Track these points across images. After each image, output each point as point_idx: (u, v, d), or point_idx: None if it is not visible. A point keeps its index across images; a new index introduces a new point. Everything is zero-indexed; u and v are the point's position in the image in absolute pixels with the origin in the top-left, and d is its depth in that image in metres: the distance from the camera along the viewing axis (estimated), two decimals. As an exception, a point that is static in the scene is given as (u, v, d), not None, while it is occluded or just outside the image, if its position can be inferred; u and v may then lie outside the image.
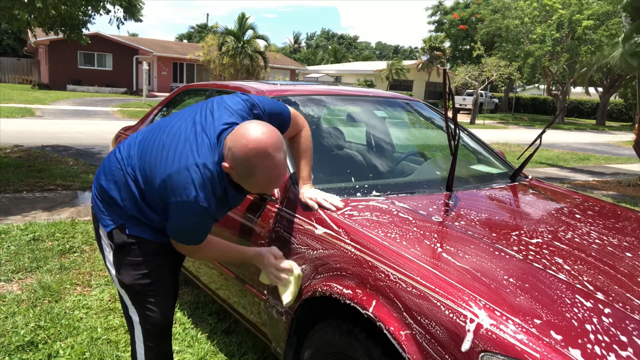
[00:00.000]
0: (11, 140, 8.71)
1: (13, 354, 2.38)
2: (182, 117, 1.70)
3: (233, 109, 1.65)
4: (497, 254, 1.58)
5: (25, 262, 3.47)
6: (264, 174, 1.50)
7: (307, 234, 1.81)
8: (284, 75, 32.58)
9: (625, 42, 8.11)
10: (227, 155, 1.51)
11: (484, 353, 1.20)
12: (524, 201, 2.35)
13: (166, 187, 1.54)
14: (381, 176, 2.53)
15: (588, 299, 1.37)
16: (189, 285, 3.31)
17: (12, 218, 4.47)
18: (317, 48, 65.51)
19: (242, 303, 2.22)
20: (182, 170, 1.51)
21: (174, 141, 1.60)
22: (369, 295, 1.49)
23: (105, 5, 7.77)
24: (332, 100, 2.76)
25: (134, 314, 1.77)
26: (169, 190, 1.53)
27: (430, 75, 36.12)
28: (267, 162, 1.48)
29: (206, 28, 50.49)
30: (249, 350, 2.54)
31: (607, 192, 7.54)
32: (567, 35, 23.21)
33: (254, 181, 1.53)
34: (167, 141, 1.62)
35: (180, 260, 1.90)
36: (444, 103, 2.19)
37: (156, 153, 1.61)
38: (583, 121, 33.40)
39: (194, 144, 1.56)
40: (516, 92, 37.36)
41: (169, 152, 1.58)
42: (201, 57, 23.85)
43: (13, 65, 30.26)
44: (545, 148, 13.55)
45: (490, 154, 2.92)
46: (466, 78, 23.65)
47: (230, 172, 1.54)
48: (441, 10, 39.76)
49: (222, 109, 1.65)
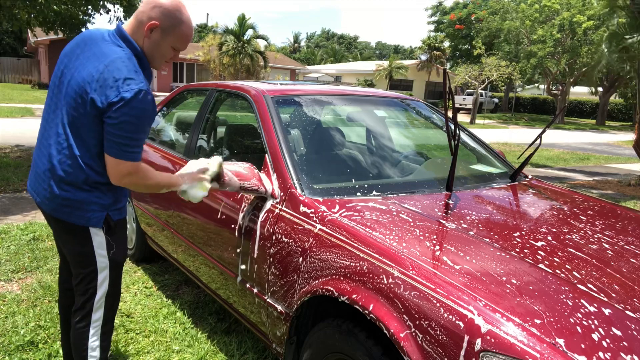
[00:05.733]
0: (11, 140, 8.71)
1: (13, 354, 2.38)
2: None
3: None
4: (497, 254, 1.58)
5: (25, 261, 3.47)
6: (188, 25, 1.75)
7: (307, 234, 1.81)
8: (284, 75, 32.58)
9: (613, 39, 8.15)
10: (152, 14, 1.68)
11: (484, 353, 1.20)
12: (524, 201, 2.35)
13: (104, 88, 1.59)
14: (381, 176, 2.52)
15: (589, 299, 1.37)
16: (189, 285, 3.31)
17: (12, 218, 4.47)
18: (317, 48, 65.50)
19: (242, 303, 2.22)
20: (111, 62, 1.62)
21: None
22: (369, 296, 1.49)
23: (105, 4, 7.76)
24: (332, 100, 2.77)
25: (102, 287, 1.85)
26: (108, 89, 1.58)
27: (430, 75, 36.11)
28: (188, 14, 1.75)
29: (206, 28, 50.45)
30: (249, 350, 2.54)
31: (607, 192, 7.54)
32: (567, 36, 23.22)
33: (177, 31, 1.72)
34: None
35: None
36: (444, 103, 2.20)
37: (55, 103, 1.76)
38: (583, 121, 33.41)
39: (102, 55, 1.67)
40: (516, 92, 37.34)
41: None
42: (201, 56, 23.85)
43: (13, 65, 30.25)
44: (545, 148, 13.55)
45: (490, 153, 2.92)
46: (466, 78, 23.65)
47: (155, 28, 1.69)
48: (440, 11, 39.78)
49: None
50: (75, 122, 1.67)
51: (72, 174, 1.69)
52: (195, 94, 3.40)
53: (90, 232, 1.77)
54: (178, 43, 1.76)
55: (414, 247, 1.57)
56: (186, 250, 2.75)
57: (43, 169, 1.76)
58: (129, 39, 1.71)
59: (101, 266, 1.82)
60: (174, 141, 3.32)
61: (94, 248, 1.80)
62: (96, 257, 1.81)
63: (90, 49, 1.71)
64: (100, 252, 1.81)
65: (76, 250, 1.81)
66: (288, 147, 2.18)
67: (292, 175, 2.05)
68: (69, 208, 1.73)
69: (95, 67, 1.63)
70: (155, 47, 1.73)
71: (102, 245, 1.81)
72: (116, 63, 1.62)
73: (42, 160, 1.76)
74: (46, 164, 1.74)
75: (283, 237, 1.91)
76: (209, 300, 3.09)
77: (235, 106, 3.36)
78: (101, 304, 1.86)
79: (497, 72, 22.60)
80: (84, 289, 1.84)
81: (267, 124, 2.29)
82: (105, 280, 1.85)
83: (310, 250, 1.77)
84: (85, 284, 1.83)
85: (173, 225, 2.83)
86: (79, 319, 1.85)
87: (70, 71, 1.71)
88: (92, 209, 1.75)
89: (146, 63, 1.75)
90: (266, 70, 24.93)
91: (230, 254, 2.24)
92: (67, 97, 1.69)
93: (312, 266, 1.74)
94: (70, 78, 1.70)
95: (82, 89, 1.63)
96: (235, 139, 3.09)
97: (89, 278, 1.83)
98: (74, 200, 1.72)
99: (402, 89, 35.90)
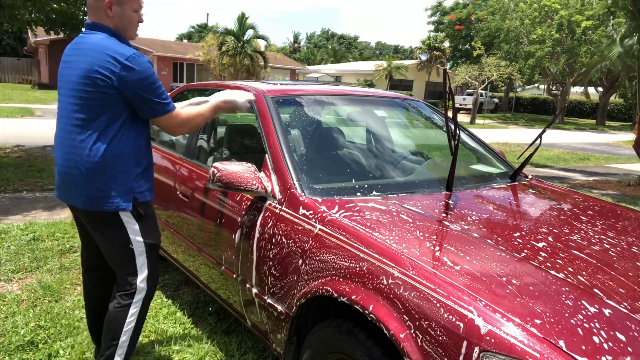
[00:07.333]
0: (11, 140, 8.71)
1: (13, 354, 2.38)
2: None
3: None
4: (497, 254, 1.58)
5: (25, 261, 3.47)
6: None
7: (307, 234, 1.81)
8: (284, 75, 32.58)
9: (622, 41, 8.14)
10: (107, 1, 1.87)
11: (484, 353, 1.20)
12: (525, 201, 2.35)
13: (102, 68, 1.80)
14: (381, 176, 2.52)
15: (589, 299, 1.37)
16: (189, 285, 3.31)
17: (12, 218, 4.47)
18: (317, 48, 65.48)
19: (242, 303, 2.22)
20: (102, 47, 1.83)
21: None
22: (369, 296, 1.49)
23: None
24: (332, 100, 2.77)
25: (143, 272, 2.01)
26: (113, 66, 1.80)
27: (430, 75, 36.11)
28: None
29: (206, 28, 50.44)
30: (249, 350, 2.54)
31: (606, 192, 7.54)
32: (566, 36, 23.22)
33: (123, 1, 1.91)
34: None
35: None
36: (444, 103, 2.19)
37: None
38: (583, 121, 33.40)
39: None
40: (516, 92, 37.35)
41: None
42: (201, 56, 23.85)
43: (13, 65, 30.23)
44: (545, 148, 13.55)
45: (490, 153, 2.92)
46: (466, 78, 23.65)
47: (112, 4, 1.88)
48: (440, 11, 39.78)
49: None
50: (88, 111, 1.85)
51: (96, 163, 1.87)
52: (195, 94, 3.40)
53: (122, 218, 1.94)
54: (135, 4, 1.95)
55: (414, 247, 1.57)
56: (186, 251, 2.75)
57: (67, 166, 1.92)
58: (98, 25, 1.91)
59: (139, 250, 1.98)
60: (174, 141, 3.32)
61: (129, 234, 1.96)
62: (132, 242, 1.97)
63: (78, 50, 1.91)
64: (135, 237, 1.98)
65: (111, 239, 1.97)
66: (288, 147, 2.18)
67: (292, 175, 2.05)
68: (98, 198, 1.89)
69: (92, 56, 1.83)
70: (121, 19, 1.93)
71: (136, 231, 1.98)
72: (104, 46, 1.84)
73: (64, 158, 1.93)
74: (69, 160, 1.91)
75: (283, 237, 1.91)
76: (209, 300, 3.09)
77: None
78: (143, 287, 2.04)
79: (497, 72, 22.60)
80: (125, 273, 2.01)
81: (267, 124, 2.29)
82: (144, 263, 2.02)
83: (310, 251, 1.77)
84: (125, 270, 2.01)
85: (173, 226, 2.83)
86: (120, 300, 2.02)
87: (69, 70, 1.90)
88: (119, 194, 1.91)
89: (123, 38, 1.95)
90: (266, 70, 24.92)
91: (230, 255, 2.24)
92: (73, 91, 1.87)
93: (312, 267, 1.74)
94: (71, 75, 1.88)
95: (88, 78, 1.82)
96: (236, 139, 3.09)
97: (128, 264, 2.00)
98: (102, 188, 1.89)
99: (402, 89, 35.88)
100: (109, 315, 2.04)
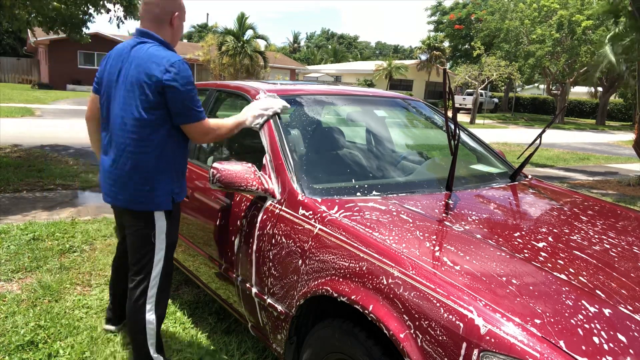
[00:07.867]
0: (11, 140, 8.71)
1: (13, 354, 2.38)
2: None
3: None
4: (497, 253, 1.58)
5: (25, 261, 3.47)
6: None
7: (307, 234, 1.81)
8: (284, 75, 32.58)
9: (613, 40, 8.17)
10: (172, 8, 2.04)
11: (484, 353, 1.20)
12: (525, 201, 2.35)
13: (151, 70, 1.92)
14: (381, 176, 2.52)
15: (589, 299, 1.37)
16: (189, 285, 3.31)
17: (12, 218, 4.47)
18: (317, 48, 65.47)
19: (242, 303, 2.22)
20: (150, 55, 1.95)
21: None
22: (369, 295, 1.49)
23: (105, 4, 7.75)
24: (332, 100, 2.76)
25: (158, 266, 2.08)
26: (161, 73, 1.91)
27: (430, 75, 36.11)
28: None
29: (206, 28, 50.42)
30: (249, 350, 2.54)
31: (606, 192, 7.54)
32: (566, 36, 23.21)
33: (184, 9, 2.10)
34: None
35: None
36: (444, 103, 2.19)
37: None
38: (583, 121, 33.40)
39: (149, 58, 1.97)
40: (516, 91, 37.34)
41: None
42: (201, 56, 23.85)
43: (13, 64, 30.23)
44: (545, 148, 13.55)
45: (490, 153, 2.92)
46: (466, 78, 23.65)
47: (176, 17, 2.07)
48: (440, 11, 39.79)
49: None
50: (141, 114, 1.94)
51: (140, 162, 1.97)
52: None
53: (155, 216, 2.02)
54: (184, 17, 2.14)
55: (414, 247, 1.57)
56: (186, 250, 2.75)
57: (113, 166, 2.02)
58: (150, 33, 2.03)
59: (159, 247, 2.05)
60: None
61: (156, 231, 2.04)
62: (156, 239, 2.05)
63: (130, 56, 2.01)
64: (160, 235, 2.06)
65: (139, 234, 2.05)
66: (288, 147, 2.18)
67: (292, 175, 2.05)
68: (142, 197, 1.99)
69: (145, 65, 1.94)
70: (178, 30, 2.13)
71: (163, 229, 2.06)
72: (158, 55, 1.95)
73: (110, 158, 2.03)
74: (115, 160, 2.01)
75: (283, 237, 1.91)
76: (209, 300, 3.09)
77: (235, 106, 3.35)
78: (156, 282, 2.10)
79: (496, 72, 22.59)
80: (139, 269, 2.08)
81: (267, 124, 2.29)
82: (161, 260, 2.08)
83: (310, 251, 1.77)
84: (142, 265, 2.07)
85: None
86: (138, 296, 2.08)
87: (117, 77, 2.02)
88: (161, 194, 2.01)
89: (171, 46, 2.09)
90: (266, 70, 24.92)
91: (230, 255, 2.24)
92: (124, 95, 1.98)
93: (312, 266, 1.74)
94: (124, 82, 1.99)
95: (139, 82, 1.93)
96: (235, 139, 3.09)
97: (146, 259, 2.06)
98: (149, 189, 1.98)
99: (402, 89, 35.87)
100: (129, 310, 2.13)
